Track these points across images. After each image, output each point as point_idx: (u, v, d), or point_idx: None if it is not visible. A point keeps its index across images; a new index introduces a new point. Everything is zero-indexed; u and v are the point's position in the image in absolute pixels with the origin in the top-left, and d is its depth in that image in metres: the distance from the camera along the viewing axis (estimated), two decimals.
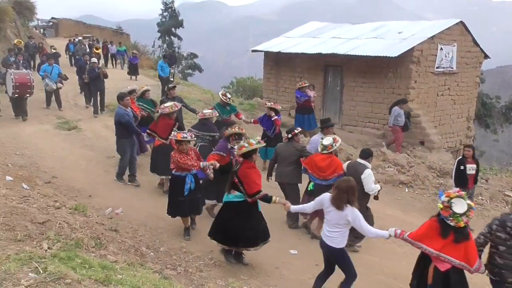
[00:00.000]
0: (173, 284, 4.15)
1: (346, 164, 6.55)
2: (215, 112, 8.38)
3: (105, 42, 24.29)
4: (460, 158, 8.57)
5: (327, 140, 6.52)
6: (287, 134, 7.10)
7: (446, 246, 4.10)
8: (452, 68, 13.01)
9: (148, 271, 4.39)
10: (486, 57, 14.28)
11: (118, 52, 23.65)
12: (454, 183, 8.26)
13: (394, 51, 11.80)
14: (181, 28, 38.13)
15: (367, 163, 6.17)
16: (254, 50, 16.66)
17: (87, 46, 22.91)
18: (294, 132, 7.02)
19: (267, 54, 15.93)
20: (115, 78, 17.31)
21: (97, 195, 7.36)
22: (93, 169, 8.76)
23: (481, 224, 7.73)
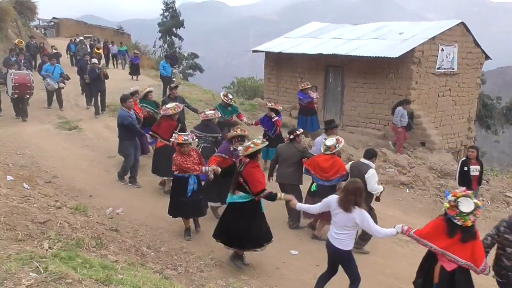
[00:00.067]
0: (173, 284, 4.15)
1: (349, 164, 6.55)
2: (218, 113, 8.34)
3: (106, 42, 24.30)
4: (463, 159, 8.50)
5: (330, 140, 6.51)
6: (289, 135, 7.08)
7: (452, 245, 4.06)
8: (453, 69, 13.01)
9: (148, 271, 4.39)
10: (487, 58, 14.26)
11: (119, 52, 23.66)
12: (458, 185, 8.16)
13: (395, 52, 11.79)
14: (182, 28, 38.19)
15: (371, 163, 6.18)
16: (255, 51, 16.66)
17: (88, 46, 22.95)
18: (296, 133, 7.01)
19: (268, 55, 15.93)
20: (116, 78, 17.33)
21: (98, 195, 7.37)
22: (94, 169, 8.77)
23: (482, 225, 7.76)
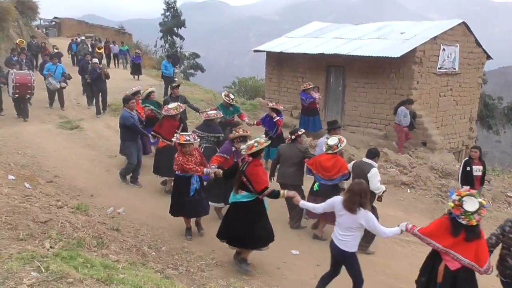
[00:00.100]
0: (174, 283, 4.15)
1: (351, 163, 6.55)
2: (220, 113, 8.33)
3: (107, 42, 24.30)
4: (466, 159, 8.43)
5: (333, 140, 6.51)
6: (290, 135, 7.06)
7: (457, 244, 4.04)
8: (454, 68, 12.98)
9: (149, 271, 4.39)
10: (488, 57, 14.24)
11: (120, 51, 23.67)
12: (461, 185, 8.11)
13: (396, 52, 11.77)
14: (183, 28, 38.17)
15: (373, 163, 6.19)
16: (256, 50, 16.66)
17: (89, 46, 22.97)
18: (298, 133, 6.98)
19: (269, 54, 15.92)
20: (117, 78, 17.35)
21: (99, 195, 7.37)
22: (95, 168, 8.78)
23: (483, 225, 7.71)
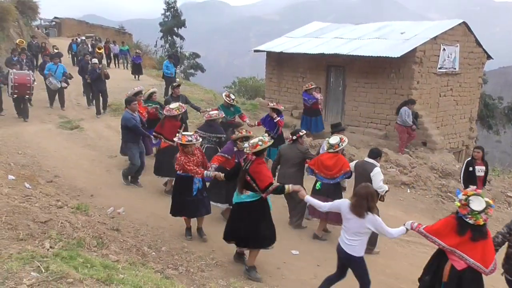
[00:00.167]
0: (174, 284, 4.15)
1: (353, 163, 6.55)
2: (221, 113, 8.30)
3: (107, 42, 24.29)
4: (469, 159, 8.38)
5: (334, 139, 6.55)
6: (291, 136, 7.04)
7: (462, 243, 4.02)
8: (454, 68, 12.98)
9: (149, 271, 4.38)
10: (488, 57, 14.23)
11: (121, 51, 23.67)
12: (463, 185, 8.06)
13: (396, 52, 11.77)
14: (183, 28, 38.21)
15: (376, 162, 6.20)
16: (256, 50, 16.65)
17: (90, 46, 22.97)
18: (299, 134, 6.96)
19: (269, 54, 15.91)
20: (118, 78, 17.36)
21: (99, 195, 7.37)
22: (95, 168, 8.78)
23: None
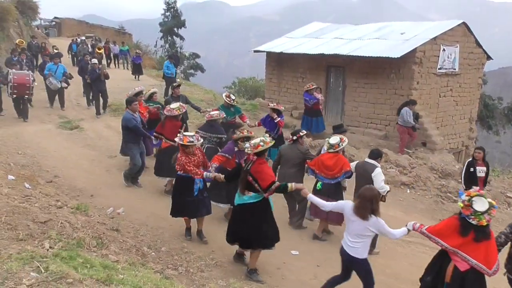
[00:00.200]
0: (174, 284, 4.15)
1: (354, 163, 6.56)
2: (222, 113, 8.29)
3: (107, 42, 24.29)
4: (470, 160, 8.37)
5: (334, 139, 6.57)
6: (292, 136, 7.04)
7: (465, 244, 4.01)
8: (454, 69, 12.98)
9: (149, 271, 4.38)
10: (488, 58, 14.23)
11: (121, 51, 23.66)
12: (464, 186, 8.07)
13: (396, 52, 11.77)
14: (183, 28, 38.22)
15: (376, 163, 6.22)
16: (256, 51, 16.65)
17: (90, 46, 22.96)
18: (300, 134, 6.96)
19: (269, 55, 15.92)
20: (118, 78, 17.36)
21: (98, 195, 7.37)
22: (95, 168, 8.77)
23: None
